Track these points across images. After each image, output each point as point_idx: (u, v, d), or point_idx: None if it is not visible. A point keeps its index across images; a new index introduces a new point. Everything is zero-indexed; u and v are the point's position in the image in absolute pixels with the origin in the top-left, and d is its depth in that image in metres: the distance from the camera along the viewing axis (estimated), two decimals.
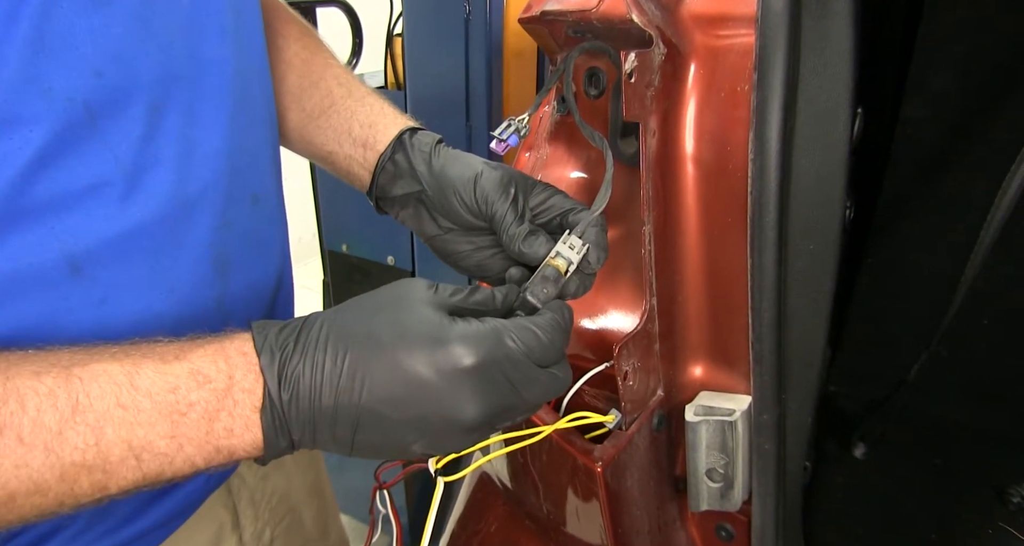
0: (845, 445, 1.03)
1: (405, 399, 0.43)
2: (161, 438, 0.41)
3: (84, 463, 0.39)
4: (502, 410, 0.46)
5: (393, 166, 0.69)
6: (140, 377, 0.41)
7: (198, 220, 0.55)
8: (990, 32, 0.92)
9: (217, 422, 0.42)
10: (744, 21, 0.59)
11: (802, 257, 0.60)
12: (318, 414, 0.43)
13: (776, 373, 0.60)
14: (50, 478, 0.38)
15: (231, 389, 0.43)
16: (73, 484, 0.39)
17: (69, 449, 0.38)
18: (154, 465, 0.41)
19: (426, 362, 0.43)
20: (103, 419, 0.39)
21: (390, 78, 2.03)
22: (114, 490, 0.41)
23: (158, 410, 0.41)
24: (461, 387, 0.43)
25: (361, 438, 0.44)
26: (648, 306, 0.62)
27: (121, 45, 0.47)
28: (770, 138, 0.54)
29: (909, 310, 1.11)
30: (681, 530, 0.73)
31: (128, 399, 0.40)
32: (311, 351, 0.43)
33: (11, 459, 0.37)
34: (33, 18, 0.41)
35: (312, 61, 0.76)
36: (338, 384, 0.43)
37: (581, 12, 0.61)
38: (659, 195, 0.62)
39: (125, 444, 0.40)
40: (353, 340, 0.44)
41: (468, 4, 1.57)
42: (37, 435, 0.38)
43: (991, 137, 0.94)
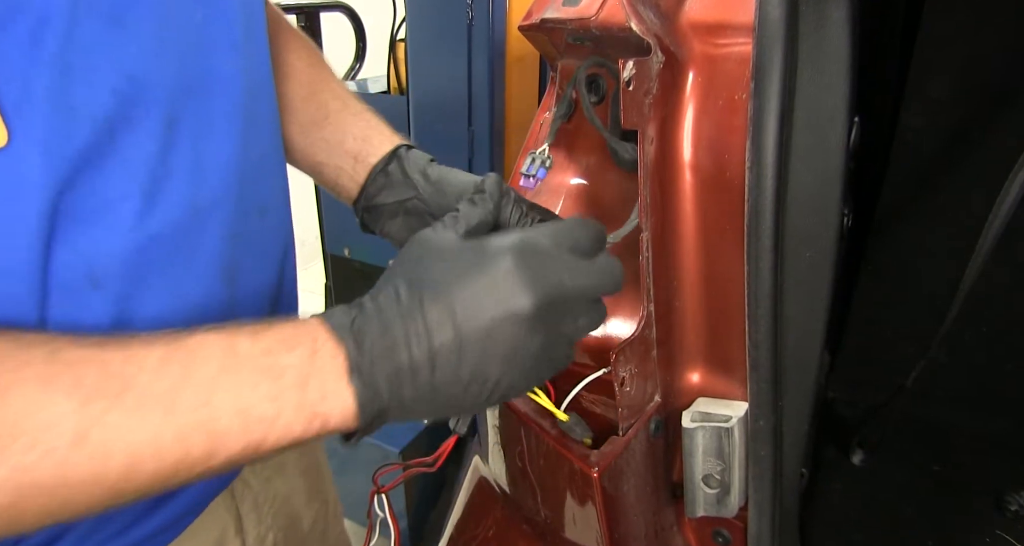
0: (844, 451, 1.03)
1: (465, 323, 0.45)
2: (262, 401, 0.42)
3: (197, 425, 0.40)
4: (553, 299, 0.47)
5: (385, 177, 0.70)
6: (238, 344, 0.43)
7: (209, 231, 0.55)
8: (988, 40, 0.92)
9: (310, 386, 0.43)
10: (742, 30, 0.60)
11: (799, 264, 0.60)
12: (400, 370, 0.45)
13: (772, 379, 0.61)
14: (168, 439, 0.39)
15: (317, 353, 0.44)
16: (188, 447, 0.40)
17: (184, 410, 0.40)
18: (257, 430, 0.42)
19: (475, 280, 0.46)
20: (211, 383, 0.41)
21: (393, 83, 2.04)
22: (222, 457, 0.42)
23: (258, 372, 0.42)
24: (508, 285, 0.45)
25: (443, 379, 0.45)
26: (646, 312, 0.63)
27: (137, 62, 0.47)
28: (767, 146, 0.54)
29: (908, 316, 1.11)
30: (678, 535, 0.74)
31: (231, 363, 0.42)
32: (379, 316, 0.46)
33: (136, 416, 0.39)
34: (57, 40, 0.42)
35: (309, 73, 0.76)
36: (409, 336, 0.45)
37: (580, 20, 0.62)
38: (657, 202, 0.62)
39: (231, 407, 0.41)
40: (412, 297, 0.46)
41: (471, 10, 1.58)
42: (155, 395, 0.39)
43: (989, 144, 0.95)
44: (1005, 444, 1.03)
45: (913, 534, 0.91)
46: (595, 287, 0.49)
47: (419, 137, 1.77)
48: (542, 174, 0.69)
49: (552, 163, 0.67)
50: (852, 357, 1.19)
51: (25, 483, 0.36)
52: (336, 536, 0.92)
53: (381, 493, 0.71)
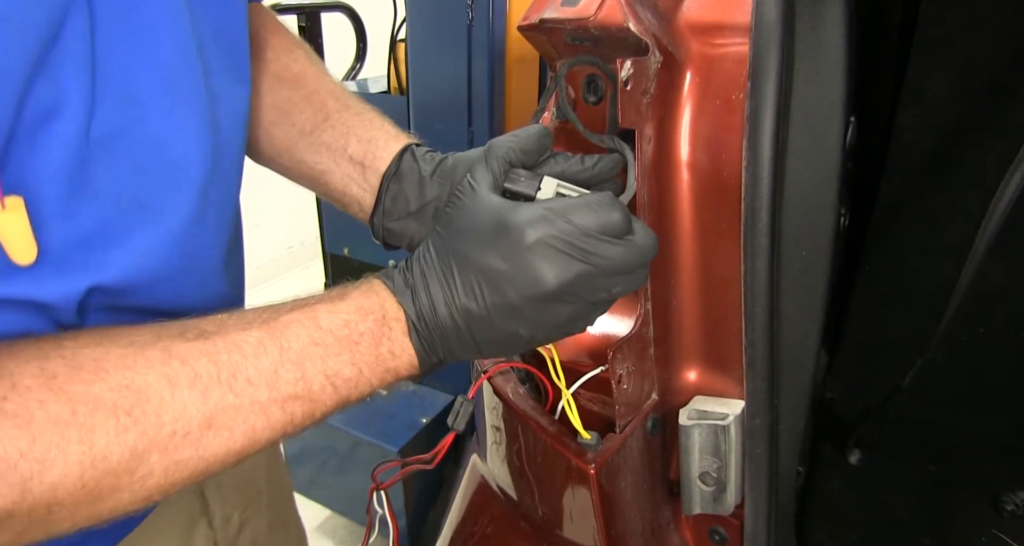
0: (840, 450, 1.03)
1: (490, 290, 0.50)
2: (346, 365, 0.49)
3: (296, 394, 0.47)
4: (582, 277, 0.50)
5: (399, 183, 0.66)
6: (320, 319, 0.50)
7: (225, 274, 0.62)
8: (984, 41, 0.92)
9: (382, 346, 0.51)
10: (739, 30, 0.60)
11: (795, 263, 0.60)
12: (445, 329, 0.51)
13: (769, 378, 0.61)
14: (275, 411, 0.47)
15: (386, 318, 0.51)
16: (292, 414, 0.48)
17: (284, 384, 0.47)
18: (344, 389, 0.50)
19: (495, 250, 0.50)
20: (303, 356, 0.48)
21: (393, 83, 2.04)
22: (319, 415, 0.49)
23: (340, 342, 0.49)
24: (533, 262, 0.49)
25: (481, 337, 0.52)
26: (643, 310, 0.63)
27: (157, 139, 0.50)
28: (763, 146, 0.55)
29: (905, 316, 1.11)
30: (674, 533, 0.74)
31: (318, 337, 0.49)
32: (423, 279, 0.52)
33: (247, 397, 0.46)
34: (79, 123, 0.44)
35: (304, 74, 0.72)
36: (444, 298, 0.51)
37: (579, 20, 0.62)
38: (654, 201, 0.62)
39: (322, 374, 0.48)
40: (444, 263, 0.52)
41: (471, 10, 1.58)
42: (260, 376, 0.46)
43: (986, 144, 0.95)
44: (1002, 444, 1.03)
45: (909, 533, 0.91)
46: (629, 263, 0.51)
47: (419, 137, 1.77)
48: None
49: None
50: (849, 357, 1.19)
51: (173, 461, 0.43)
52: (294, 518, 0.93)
53: (380, 490, 0.71)
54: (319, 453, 1.95)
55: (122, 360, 0.43)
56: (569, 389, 0.65)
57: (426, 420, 1.86)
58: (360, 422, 1.85)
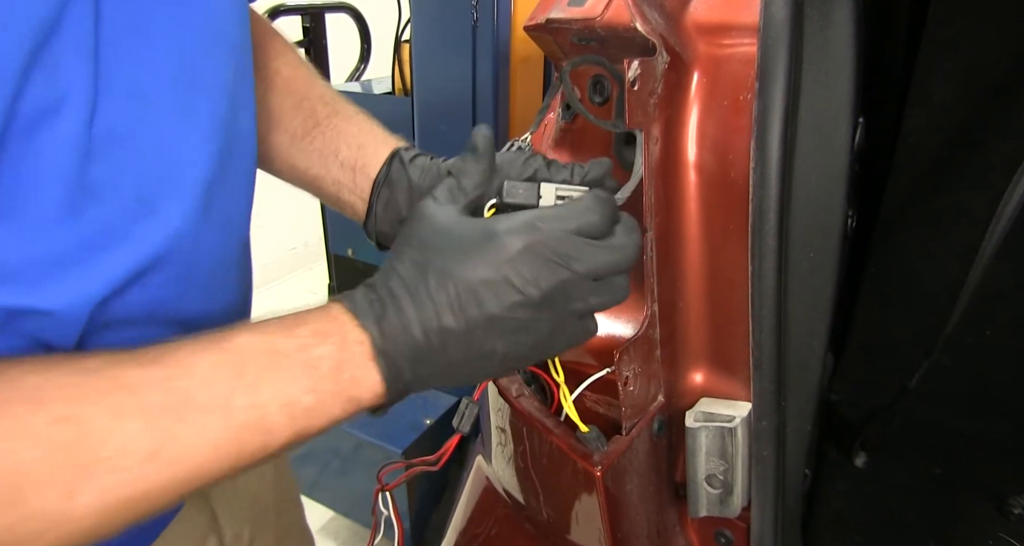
0: (846, 453, 1.03)
1: (473, 303, 0.47)
2: (304, 393, 0.46)
3: (250, 423, 0.44)
4: (560, 285, 0.48)
5: (389, 188, 0.67)
6: (277, 343, 0.46)
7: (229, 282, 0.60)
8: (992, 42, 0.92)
9: (343, 372, 0.47)
10: (747, 30, 0.60)
11: (802, 264, 0.60)
12: (417, 349, 0.48)
13: (776, 380, 0.61)
14: (226, 441, 0.43)
15: (347, 342, 0.47)
16: (243, 445, 0.44)
17: (237, 411, 0.44)
18: (302, 419, 0.46)
19: (481, 262, 0.48)
20: (258, 381, 0.45)
21: (397, 84, 2.04)
22: (273, 448, 0.46)
23: (298, 367, 0.46)
24: (515, 272, 0.47)
25: (456, 356, 0.48)
26: (649, 312, 0.63)
27: (166, 138, 0.48)
28: (771, 147, 0.54)
29: (911, 319, 1.11)
30: (680, 535, 0.74)
31: (274, 362, 0.45)
32: (392, 299, 0.49)
33: (196, 426, 0.42)
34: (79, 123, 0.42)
35: (294, 79, 0.73)
36: (420, 316, 0.48)
37: (586, 20, 0.62)
38: (661, 202, 0.62)
39: (278, 402, 0.45)
40: (422, 278, 0.49)
41: (476, 11, 1.58)
42: (212, 403, 0.43)
43: (993, 147, 0.95)
44: (1008, 447, 1.03)
45: (915, 536, 0.91)
46: (606, 268, 0.50)
47: (423, 138, 1.77)
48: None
49: (531, 151, 0.67)
50: (855, 359, 1.19)
51: (110, 501, 0.40)
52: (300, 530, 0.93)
53: (385, 491, 0.71)
54: (322, 454, 1.95)
55: (64, 390, 0.40)
56: (575, 391, 0.64)
57: (430, 421, 1.85)
58: (363, 423, 1.85)
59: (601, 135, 0.69)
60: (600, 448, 0.63)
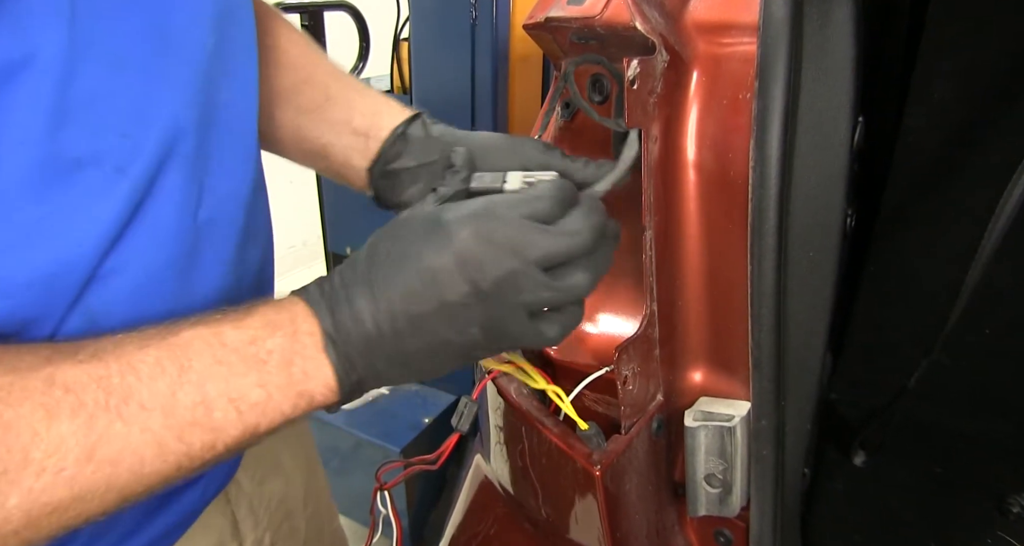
0: (845, 452, 1.03)
1: (423, 290, 0.46)
2: (252, 387, 0.44)
3: (196, 421, 0.42)
4: (508, 273, 0.47)
5: (404, 142, 0.66)
6: (224, 335, 0.45)
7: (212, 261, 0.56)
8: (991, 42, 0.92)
9: (294, 366, 0.45)
10: (747, 29, 0.60)
11: (802, 264, 0.60)
12: (369, 339, 0.46)
13: (775, 379, 0.61)
14: (170, 440, 0.41)
15: (297, 334, 0.46)
16: (189, 444, 0.42)
17: (182, 409, 0.42)
18: (251, 416, 0.44)
19: (429, 249, 0.47)
20: (204, 377, 0.43)
21: (396, 82, 2.04)
22: (221, 447, 0.44)
23: (245, 362, 0.44)
24: (461, 258, 0.46)
25: (412, 345, 0.47)
26: (648, 311, 0.63)
27: (144, 104, 0.46)
28: (771, 146, 0.54)
29: (910, 318, 1.11)
30: (679, 535, 0.74)
31: (221, 355, 0.44)
32: (344, 289, 0.47)
33: (137, 425, 0.40)
34: (52, 87, 0.41)
35: (304, 57, 0.73)
36: (371, 306, 0.46)
37: (585, 19, 0.62)
38: (660, 201, 0.62)
39: (225, 398, 0.43)
40: (373, 267, 0.48)
41: (474, 9, 1.58)
42: (155, 400, 0.41)
43: (992, 146, 0.95)
44: (1007, 446, 1.03)
45: (914, 535, 0.91)
46: (555, 254, 0.48)
47: None
48: None
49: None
50: (854, 358, 1.19)
51: (39, 505, 0.38)
52: (332, 533, 0.92)
53: (384, 490, 0.71)
54: (321, 453, 1.94)
55: None
56: (574, 389, 0.64)
57: (428, 420, 1.85)
58: (362, 422, 1.85)
59: (600, 134, 0.69)
60: (599, 445, 0.63)
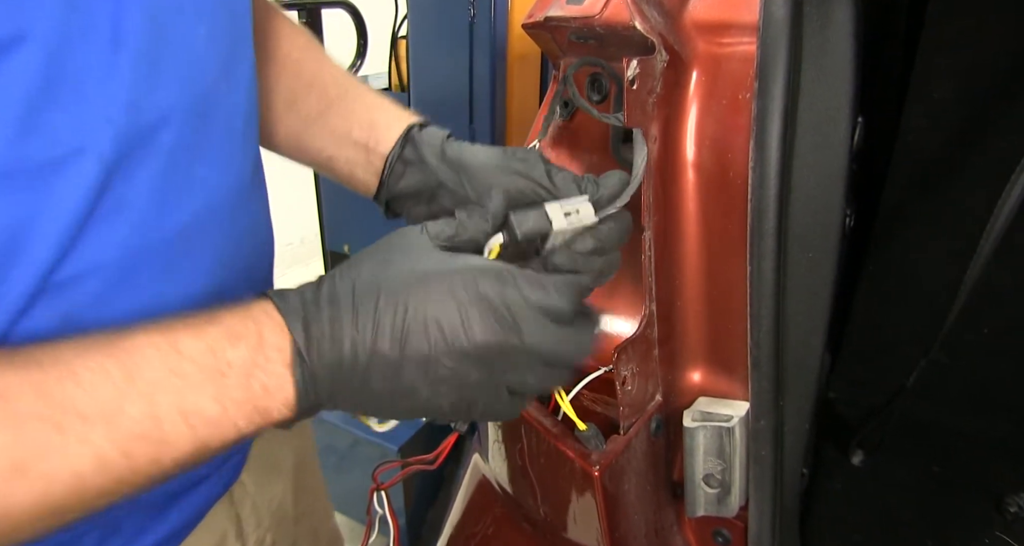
0: (843, 452, 1.03)
1: (409, 343, 0.44)
2: (208, 401, 0.41)
3: (142, 434, 0.39)
4: (504, 348, 0.46)
5: (403, 164, 0.66)
6: (181, 343, 0.42)
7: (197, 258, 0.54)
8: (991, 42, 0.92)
9: (254, 379, 0.43)
10: (747, 29, 0.60)
11: (801, 264, 0.60)
12: (340, 365, 0.45)
13: (774, 379, 0.61)
14: (112, 453, 0.39)
15: (262, 346, 0.44)
16: (134, 459, 0.39)
17: (127, 421, 0.39)
18: (203, 431, 0.41)
19: (433, 297, 0.45)
20: (155, 387, 0.40)
21: (394, 80, 2.04)
22: (168, 462, 0.41)
23: (202, 373, 0.41)
24: (466, 317, 0.45)
25: (378, 386, 0.45)
26: (647, 311, 0.63)
27: (133, 88, 0.45)
28: (770, 146, 0.54)
29: (909, 317, 1.11)
30: (678, 535, 0.74)
31: (175, 365, 0.41)
32: (329, 305, 0.45)
33: (76, 436, 0.37)
34: (43, 63, 0.39)
35: (304, 61, 0.73)
36: (351, 331, 0.44)
37: (584, 18, 0.61)
38: (659, 201, 0.62)
39: (176, 410, 0.40)
40: (368, 289, 0.46)
41: (473, 7, 1.58)
42: (97, 410, 0.38)
43: (991, 146, 0.95)
44: (1006, 446, 1.03)
45: (912, 534, 0.91)
46: (555, 355, 0.48)
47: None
48: None
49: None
50: (853, 357, 1.19)
51: None
52: (328, 532, 0.92)
53: (381, 490, 0.71)
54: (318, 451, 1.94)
55: None
56: (573, 389, 0.64)
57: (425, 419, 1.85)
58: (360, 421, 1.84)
59: (598, 133, 0.69)
60: (598, 446, 0.63)
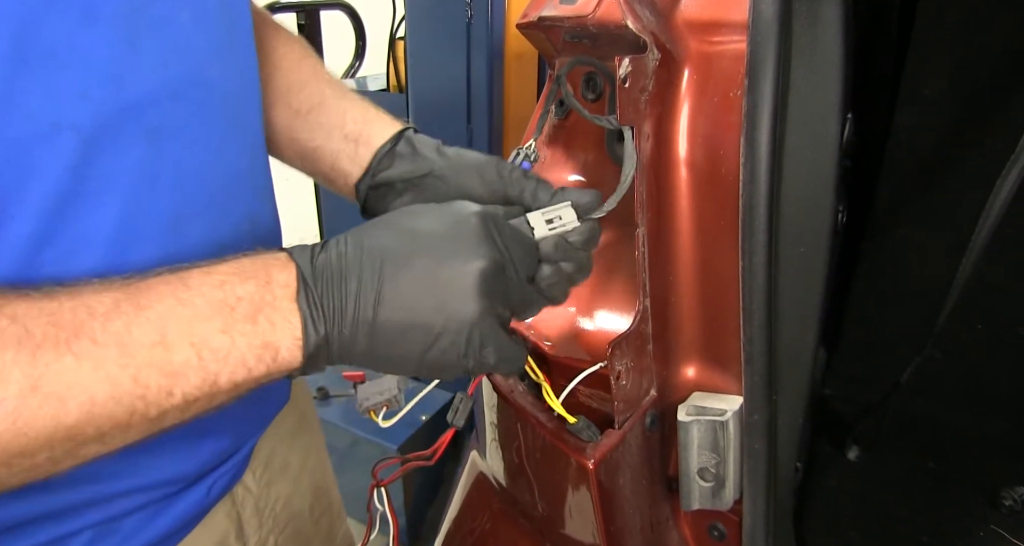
0: (839, 447, 1.04)
1: (416, 254, 0.47)
2: (216, 333, 0.42)
3: (153, 361, 0.40)
4: (500, 268, 0.49)
5: (392, 157, 0.68)
6: (191, 279, 0.43)
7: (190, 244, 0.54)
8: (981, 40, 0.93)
9: (261, 314, 0.44)
10: (737, 27, 0.60)
11: (792, 259, 0.61)
12: (346, 297, 0.46)
13: (766, 374, 0.61)
14: (124, 379, 0.39)
15: (270, 284, 0.45)
16: (145, 387, 0.40)
17: (139, 348, 0.40)
18: (212, 363, 0.42)
19: (436, 226, 0.49)
20: (165, 317, 0.41)
21: (392, 81, 2.05)
22: (178, 396, 0.42)
23: (211, 305, 0.43)
24: (471, 236, 0.49)
25: (383, 317, 0.47)
26: (641, 307, 0.63)
27: (110, 65, 0.45)
28: (760, 143, 0.55)
29: (904, 314, 1.12)
30: (673, 529, 0.74)
31: (185, 296, 0.42)
32: (336, 245, 0.48)
33: (89, 360, 0.38)
34: (10, 35, 0.39)
35: (301, 63, 0.74)
36: (360, 266, 0.47)
37: (577, 18, 0.62)
38: (653, 198, 0.63)
39: (186, 341, 0.41)
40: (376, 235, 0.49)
41: (470, 8, 1.58)
42: (109, 336, 0.39)
43: (983, 143, 0.95)
44: (999, 441, 1.04)
45: (907, 529, 0.92)
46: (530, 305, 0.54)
47: None
48: (526, 166, 0.68)
49: (537, 157, 0.67)
50: (848, 354, 1.19)
51: None
52: (342, 535, 0.92)
53: (380, 486, 0.71)
54: None
55: None
56: (568, 385, 0.65)
57: (425, 418, 1.86)
58: (359, 420, 1.85)
59: (593, 131, 0.70)
60: (592, 437, 0.64)
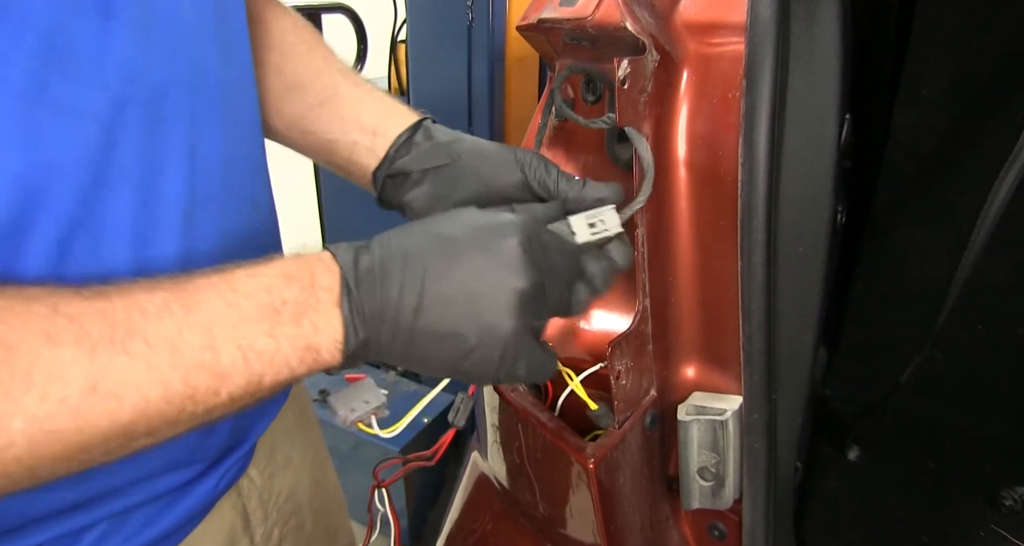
0: (839, 448, 1.04)
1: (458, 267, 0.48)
2: (262, 336, 0.44)
3: (202, 364, 0.42)
4: (539, 288, 0.50)
5: (410, 146, 0.67)
6: (238, 282, 0.45)
7: (202, 231, 0.55)
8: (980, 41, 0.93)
9: (305, 318, 0.45)
10: (736, 29, 0.61)
11: (791, 259, 0.61)
12: (387, 303, 0.47)
13: (766, 373, 0.62)
14: (175, 380, 0.41)
15: (314, 287, 0.46)
16: (194, 388, 0.42)
17: (188, 350, 0.41)
18: (258, 365, 0.44)
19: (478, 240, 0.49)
20: (213, 320, 0.42)
21: (393, 84, 2.05)
22: (224, 395, 0.43)
23: (258, 309, 0.44)
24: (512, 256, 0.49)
25: (422, 324, 0.48)
26: (641, 307, 0.63)
27: (125, 56, 0.47)
28: (759, 143, 0.55)
29: (904, 314, 1.12)
30: (674, 528, 0.74)
31: (233, 300, 0.44)
32: (379, 248, 0.49)
33: (143, 360, 0.40)
34: (39, 31, 0.41)
35: (312, 53, 0.74)
36: (403, 274, 0.48)
37: (577, 20, 0.62)
38: (652, 198, 0.63)
39: (233, 343, 0.43)
40: (420, 239, 0.50)
41: (471, 11, 1.59)
42: (160, 338, 0.40)
43: (982, 144, 0.96)
44: (999, 441, 1.04)
45: (907, 530, 0.92)
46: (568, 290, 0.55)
47: None
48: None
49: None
50: (848, 354, 1.20)
51: (42, 432, 0.37)
52: (346, 532, 0.92)
53: (381, 487, 0.72)
54: None
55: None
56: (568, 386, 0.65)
57: (427, 420, 1.86)
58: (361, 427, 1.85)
59: (593, 133, 0.70)
60: (610, 424, 0.64)
